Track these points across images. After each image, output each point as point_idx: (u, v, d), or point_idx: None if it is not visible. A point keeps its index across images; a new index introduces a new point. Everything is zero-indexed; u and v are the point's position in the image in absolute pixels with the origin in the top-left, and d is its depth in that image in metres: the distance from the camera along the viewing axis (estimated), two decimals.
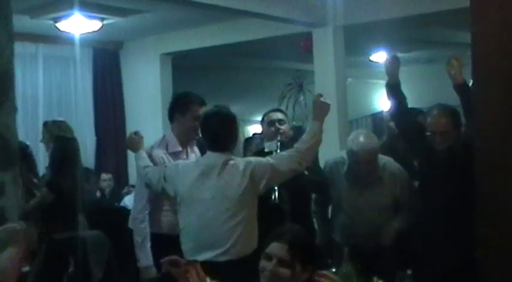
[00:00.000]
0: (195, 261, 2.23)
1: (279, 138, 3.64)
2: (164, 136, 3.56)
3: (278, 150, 3.52)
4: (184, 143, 3.46)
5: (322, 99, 3.30)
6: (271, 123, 3.75)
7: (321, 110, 3.27)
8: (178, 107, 3.47)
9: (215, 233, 3.01)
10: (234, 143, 3.18)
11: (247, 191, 3.03)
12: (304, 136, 3.20)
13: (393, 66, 3.49)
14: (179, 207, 3.16)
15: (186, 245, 3.10)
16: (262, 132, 4.00)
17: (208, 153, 3.13)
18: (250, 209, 3.07)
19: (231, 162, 3.07)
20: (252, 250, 3.01)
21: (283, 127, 3.72)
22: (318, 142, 3.21)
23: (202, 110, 3.38)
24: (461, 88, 3.23)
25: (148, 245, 3.38)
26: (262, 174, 3.04)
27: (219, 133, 3.10)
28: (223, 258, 2.97)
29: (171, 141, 3.47)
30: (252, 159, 3.20)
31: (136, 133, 3.57)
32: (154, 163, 3.37)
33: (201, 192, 3.05)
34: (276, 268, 2.18)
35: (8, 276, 1.50)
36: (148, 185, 3.33)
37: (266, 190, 3.23)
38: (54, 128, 4.49)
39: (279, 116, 3.81)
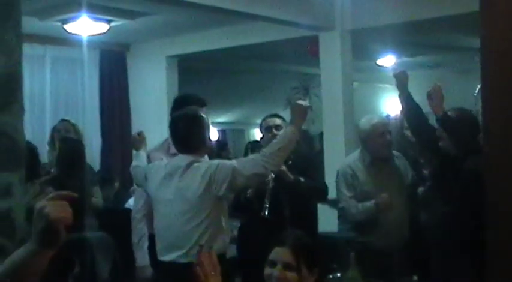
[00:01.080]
0: (210, 248, 2.23)
1: None
2: (167, 138, 3.58)
3: None
4: None
5: (300, 102, 3.20)
6: (268, 129, 3.78)
7: (297, 113, 3.13)
8: (178, 109, 3.51)
9: (176, 234, 3.02)
10: (202, 144, 3.14)
11: (206, 192, 2.99)
12: (274, 140, 3.15)
13: (403, 80, 3.56)
14: (153, 207, 3.21)
15: (157, 245, 3.15)
16: (262, 137, 3.98)
17: (179, 155, 3.15)
18: (212, 211, 3.02)
19: (195, 164, 3.06)
20: (218, 253, 3.01)
21: (280, 133, 3.71)
22: (286, 146, 3.05)
23: (202, 111, 3.37)
24: (443, 119, 3.27)
25: (146, 245, 3.44)
26: (224, 177, 2.98)
27: (184, 135, 3.11)
28: (183, 260, 2.96)
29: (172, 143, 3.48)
30: (216, 161, 3.15)
31: (139, 134, 3.64)
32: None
33: (165, 193, 3.09)
34: (283, 273, 2.18)
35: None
36: (138, 185, 3.41)
37: (255, 201, 3.26)
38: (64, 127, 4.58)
39: (276, 121, 3.80)
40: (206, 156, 3.52)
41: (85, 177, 4.24)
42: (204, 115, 3.18)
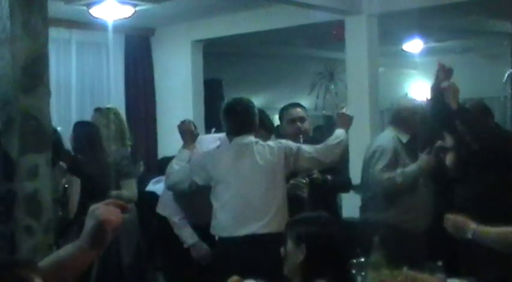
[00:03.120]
0: None
1: (301, 137, 3.64)
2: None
3: None
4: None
5: (344, 110, 3.57)
6: (293, 121, 3.70)
7: (343, 122, 3.51)
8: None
9: (255, 206, 3.18)
10: (256, 126, 3.35)
11: (280, 166, 3.23)
12: (331, 137, 3.42)
13: (448, 73, 3.49)
14: (214, 190, 3.28)
15: (224, 222, 3.23)
16: (281, 125, 3.90)
17: (236, 138, 3.30)
18: (283, 185, 3.28)
19: (261, 142, 3.29)
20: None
21: (305, 125, 3.69)
22: (343, 144, 3.41)
23: None
24: (459, 112, 3.22)
25: (187, 223, 3.55)
26: (291, 150, 3.27)
27: (245, 117, 3.31)
28: (264, 231, 3.12)
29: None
30: (282, 140, 3.40)
31: (193, 125, 3.72)
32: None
33: (239, 170, 3.23)
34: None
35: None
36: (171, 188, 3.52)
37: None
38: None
39: (300, 113, 3.74)
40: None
41: (104, 161, 4.22)
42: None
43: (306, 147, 3.34)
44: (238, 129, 3.31)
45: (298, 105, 3.87)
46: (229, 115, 3.35)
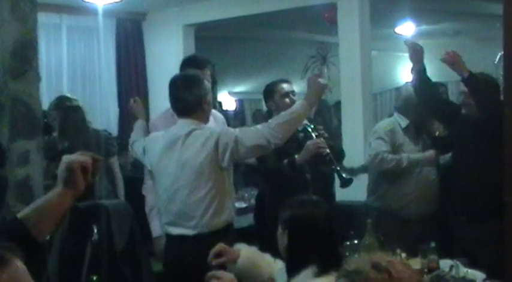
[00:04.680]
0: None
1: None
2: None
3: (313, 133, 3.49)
4: None
5: (320, 80, 3.03)
6: (285, 95, 3.66)
7: (313, 89, 2.97)
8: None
9: (181, 207, 2.92)
10: (200, 107, 2.97)
11: (209, 160, 2.87)
12: (283, 112, 3.00)
13: (417, 53, 3.53)
14: (153, 180, 3.11)
15: (162, 219, 3.07)
16: (270, 103, 3.78)
17: (178, 121, 3.00)
18: (216, 181, 2.91)
19: (196, 131, 2.92)
20: (224, 224, 2.96)
21: (295, 99, 3.63)
22: (295, 120, 2.92)
23: (205, 73, 3.33)
24: (469, 79, 3.23)
25: (157, 215, 3.31)
26: (225, 145, 2.86)
27: (182, 96, 2.96)
28: (191, 233, 2.90)
29: None
30: (218, 129, 3.05)
31: (135, 100, 3.54)
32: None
33: (166, 165, 2.95)
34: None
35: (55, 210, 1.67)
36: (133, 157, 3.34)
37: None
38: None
39: (291, 87, 3.72)
40: (224, 121, 3.49)
41: (90, 143, 4.19)
42: (202, 77, 3.06)
43: (247, 134, 2.89)
44: (175, 110, 3.02)
45: (287, 80, 3.85)
46: (169, 94, 3.05)
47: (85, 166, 1.66)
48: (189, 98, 2.95)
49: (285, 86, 3.73)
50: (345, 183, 3.37)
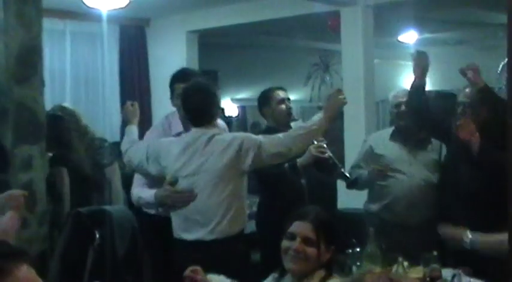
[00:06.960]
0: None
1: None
2: (167, 115, 3.48)
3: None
4: (185, 123, 3.28)
5: (340, 96, 3.15)
6: (281, 101, 3.76)
7: (333, 105, 3.11)
8: (170, 88, 3.43)
9: (200, 210, 2.91)
10: (215, 117, 3.05)
11: (231, 164, 2.89)
12: (304, 123, 3.12)
13: (420, 70, 3.34)
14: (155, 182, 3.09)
15: (175, 222, 3.03)
16: (266, 108, 3.85)
17: (193, 129, 3.02)
18: (236, 185, 2.94)
19: (217, 136, 2.96)
20: (240, 230, 2.97)
21: (291, 105, 3.78)
22: (314, 132, 3.06)
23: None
24: (484, 90, 3.18)
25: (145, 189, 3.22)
26: (248, 149, 2.91)
27: (201, 108, 2.99)
28: (210, 237, 2.89)
29: (173, 121, 3.39)
30: (241, 134, 3.10)
31: (132, 104, 3.49)
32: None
33: (185, 168, 2.95)
34: (302, 246, 2.18)
35: (8, 234, 1.86)
36: (127, 164, 3.24)
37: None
38: None
39: (286, 94, 3.82)
40: (225, 128, 3.47)
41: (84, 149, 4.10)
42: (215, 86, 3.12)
43: (270, 141, 2.97)
44: (193, 120, 3.03)
45: (281, 87, 3.91)
46: (184, 103, 3.06)
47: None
48: (211, 109, 3.01)
49: (281, 92, 3.82)
50: (352, 183, 3.38)
